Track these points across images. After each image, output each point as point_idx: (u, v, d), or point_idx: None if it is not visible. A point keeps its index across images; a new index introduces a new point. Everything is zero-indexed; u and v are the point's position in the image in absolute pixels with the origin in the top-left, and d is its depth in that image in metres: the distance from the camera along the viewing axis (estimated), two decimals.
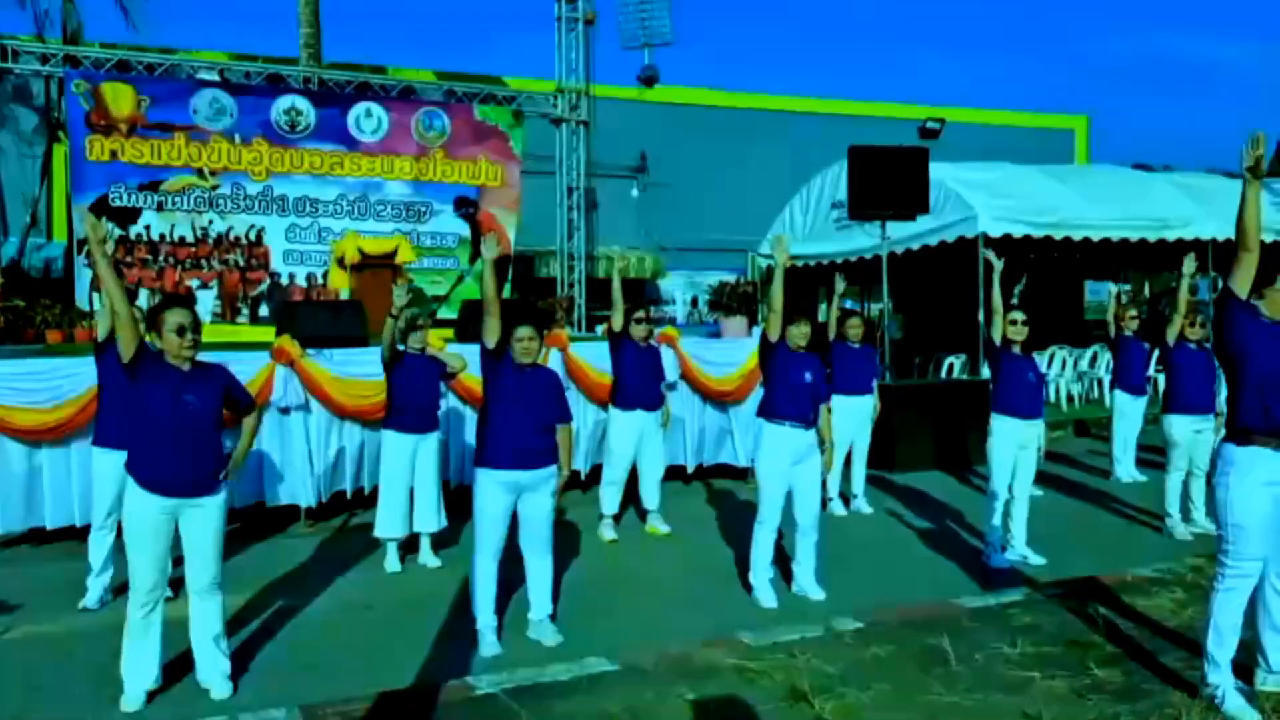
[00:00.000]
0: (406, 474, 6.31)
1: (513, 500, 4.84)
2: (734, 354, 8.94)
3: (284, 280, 12.29)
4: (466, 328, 8.98)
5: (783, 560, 5.75)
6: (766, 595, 5.50)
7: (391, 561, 6.32)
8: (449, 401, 7.75)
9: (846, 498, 7.97)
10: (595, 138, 14.44)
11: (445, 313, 12.04)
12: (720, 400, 8.91)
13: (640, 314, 7.22)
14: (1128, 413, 9.11)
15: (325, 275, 11.98)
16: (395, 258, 11.21)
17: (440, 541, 6.57)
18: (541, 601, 5.02)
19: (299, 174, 12.30)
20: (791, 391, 5.50)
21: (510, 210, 13.31)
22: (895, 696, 3.93)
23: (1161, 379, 7.47)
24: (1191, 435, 6.89)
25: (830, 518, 7.42)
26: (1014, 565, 6.12)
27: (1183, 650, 4.33)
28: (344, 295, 10.60)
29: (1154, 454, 8.78)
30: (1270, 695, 3.82)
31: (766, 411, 5.58)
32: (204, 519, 4.13)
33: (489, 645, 4.78)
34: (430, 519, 6.41)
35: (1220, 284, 12.95)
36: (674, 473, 8.50)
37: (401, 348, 6.27)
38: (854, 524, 7.51)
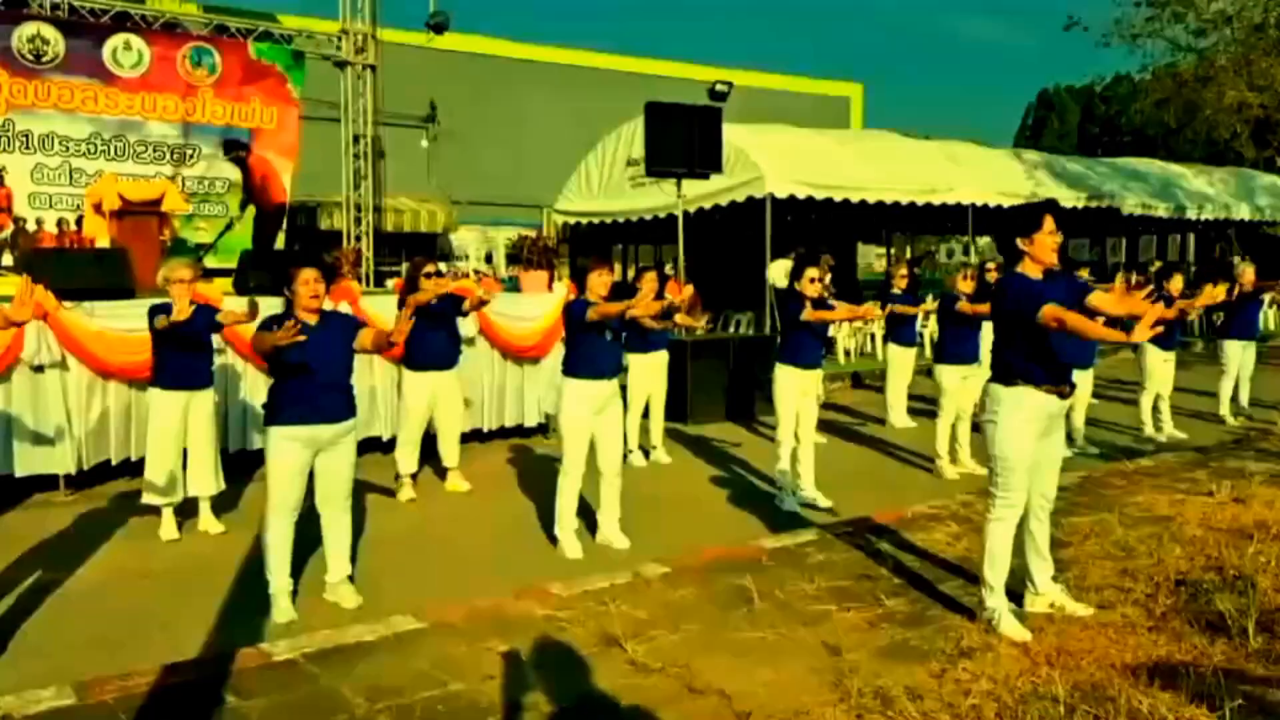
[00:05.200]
0: (177, 435, 5.84)
1: (309, 456, 4.57)
2: (534, 308, 8.82)
3: (30, 226, 11.04)
4: (245, 278, 8.38)
5: (586, 512, 5.76)
6: (572, 546, 5.50)
7: (167, 528, 5.86)
8: (226, 358, 7.24)
9: (645, 449, 8.09)
10: (382, 84, 13.80)
11: (214, 262, 11.17)
12: (519, 356, 8.80)
13: (430, 267, 6.98)
14: (899, 364, 9.75)
15: (80, 222, 10.84)
16: (162, 205, 10.25)
17: (221, 505, 6.16)
18: (340, 562, 4.80)
19: (45, 108, 11.00)
20: (592, 350, 5.48)
21: (287, 156, 12.49)
22: (704, 636, 4.02)
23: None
24: (959, 383, 7.44)
25: (631, 469, 7.51)
26: (804, 507, 6.41)
27: (960, 578, 4.66)
28: (102, 245, 9.63)
29: (923, 402, 9.45)
30: (1038, 614, 4.18)
31: (569, 369, 5.55)
32: None
33: (284, 610, 4.52)
34: (207, 482, 5.99)
35: (976, 247, 13.92)
36: (471, 430, 8.36)
37: (165, 301, 5.78)
38: (654, 474, 7.64)
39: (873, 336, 14.40)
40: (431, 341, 6.79)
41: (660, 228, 14.32)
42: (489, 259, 16.49)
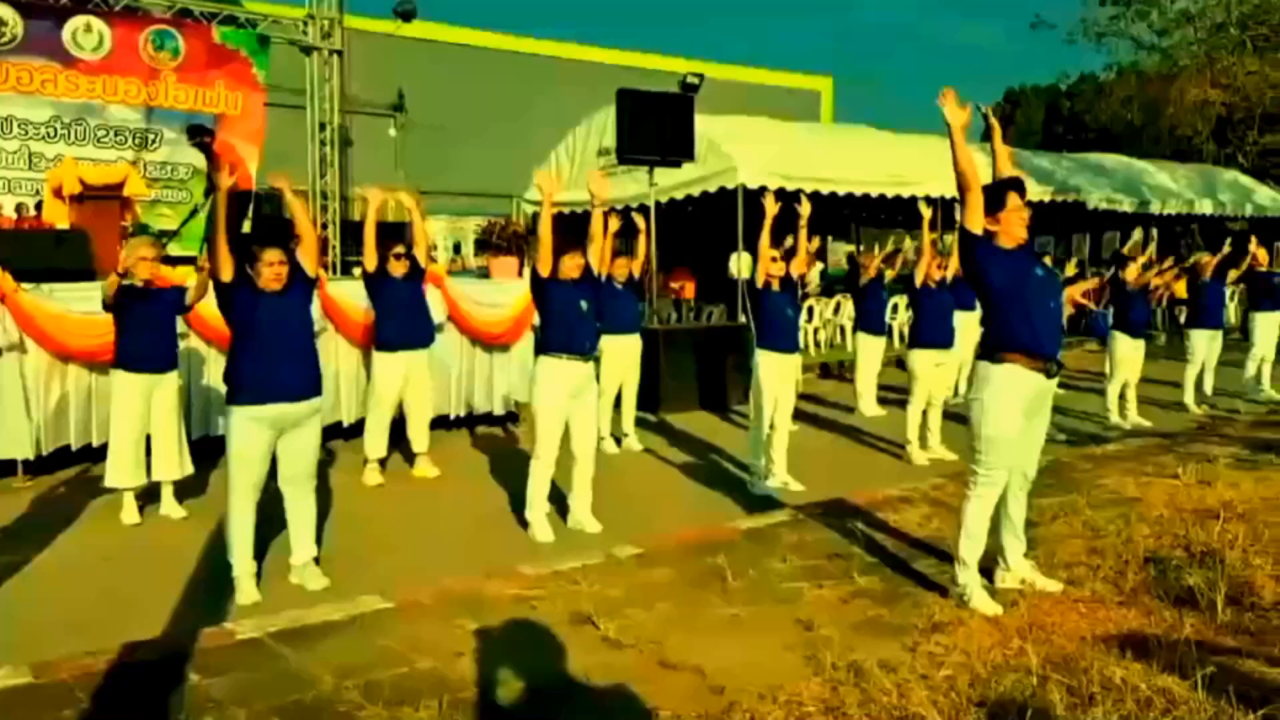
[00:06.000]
0: (140, 417, 5.72)
1: (273, 437, 4.49)
2: (504, 295, 8.75)
3: None
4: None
5: (558, 498, 5.70)
6: (543, 530, 5.45)
7: (129, 513, 5.75)
8: (190, 343, 7.11)
9: (617, 437, 8.04)
10: (350, 72, 13.62)
11: (178, 249, 10.96)
12: (489, 343, 8.72)
13: (399, 249, 6.90)
14: (869, 352, 9.77)
15: (39, 206, 10.60)
16: (123, 189, 10.05)
17: (185, 491, 6.04)
18: (304, 545, 4.72)
19: (3, 91, 10.72)
20: (568, 323, 5.43)
21: (252, 142, 12.27)
22: (677, 614, 3.98)
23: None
24: (932, 369, 7.46)
25: (602, 456, 7.46)
26: (777, 490, 6.40)
27: (932, 557, 4.66)
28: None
29: (892, 391, 9.48)
30: (1009, 590, 4.19)
31: (543, 346, 5.50)
32: None
33: (247, 593, 4.44)
34: (171, 466, 5.86)
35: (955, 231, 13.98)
36: (440, 417, 8.28)
37: (126, 281, 5.65)
38: (626, 461, 7.60)
39: (843, 328, 14.46)
40: (404, 320, 6.72)
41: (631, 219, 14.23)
42: (458, 249, 16.36)
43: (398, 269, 6.77)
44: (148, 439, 5.80)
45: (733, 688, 3.25)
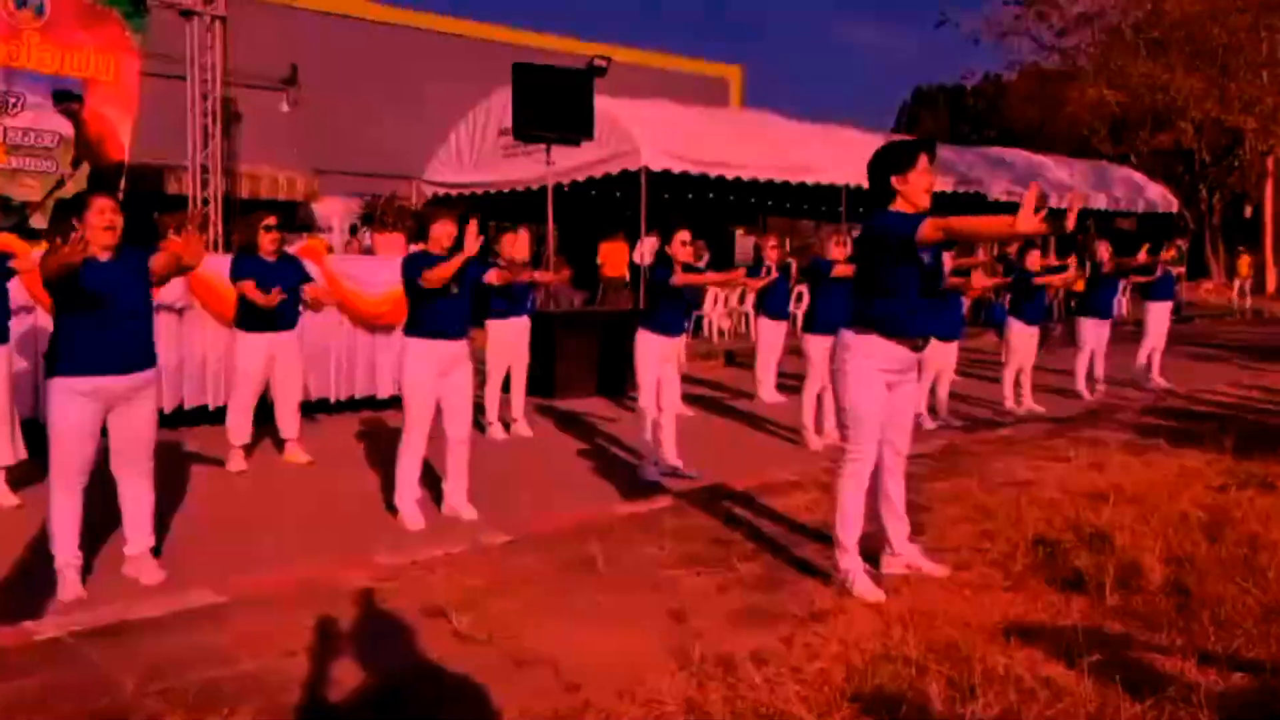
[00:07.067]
0: None
1: (99, 412, 4.03)
2: (388, 273, 8.29)
3: None
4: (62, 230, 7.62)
5: (435, 485, 5.34)
6: (413, 517, 5.09)
7: None
8: (36, 318, 6.52)
9: (505, 422, 7.70)
10: (239, 44, 12.91)
11: (43, 221, 10.22)
12: (371, 324, 8.28)
13: (270, 220, 6.43)
14: (770, 338, 9.59)
15: None
16: None
17: (24, 479, 5.49)
18: (140, 534, 4.26)
19: None
20: (435, 306, 5.08)
21: (125, 111, 11.50)
22: (540, 604, 3.67)
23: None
24: (827, 353, 7.27)
25: (489, 442, 7.14)
26: (666, 476, 6.14)
27: (817, 543, 4.43)
28: None
29: (793, 379, 9.32)
30: (894, 575, 3.99)
31: (413, 327, 5.16)
32: None
33: (71, 586, 3.98)
34: (3, 450, 5.32)
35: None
36: (320, 401, 7.83)
37: None
38: (513, 447, 7.27)
39: (747, 317, 14.33)
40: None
41: (532, 201, 13.87)
42: (354, 230, 15.75)
43: (267, 243, 6.31)
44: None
45: (590, 685, 2.96)
